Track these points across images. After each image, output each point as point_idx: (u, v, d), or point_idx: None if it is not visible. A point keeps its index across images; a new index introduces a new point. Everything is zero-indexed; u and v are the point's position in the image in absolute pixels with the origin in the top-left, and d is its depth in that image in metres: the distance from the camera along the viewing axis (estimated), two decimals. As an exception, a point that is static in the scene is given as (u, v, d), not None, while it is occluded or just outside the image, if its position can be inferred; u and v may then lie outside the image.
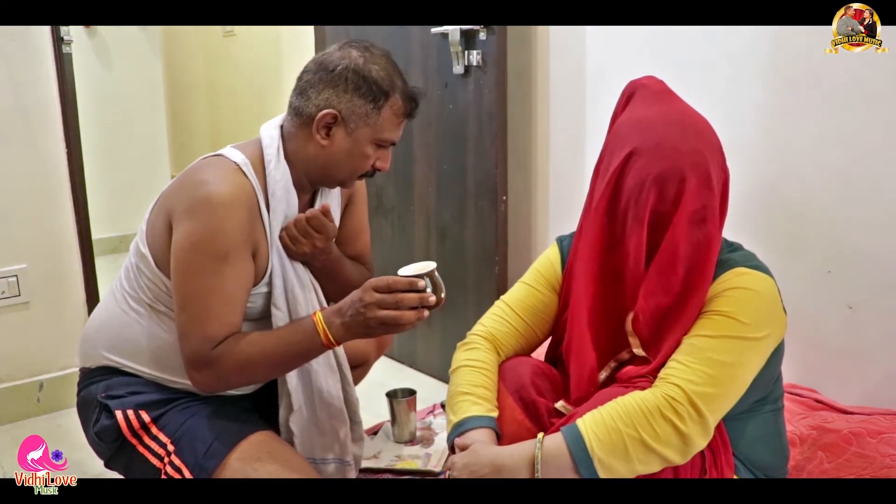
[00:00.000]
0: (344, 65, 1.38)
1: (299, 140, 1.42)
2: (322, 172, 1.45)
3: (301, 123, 1.41)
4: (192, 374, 1.34)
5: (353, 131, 1.40)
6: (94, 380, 1.47)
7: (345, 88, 1.38)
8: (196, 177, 1.37)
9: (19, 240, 2.28)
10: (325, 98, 1.38)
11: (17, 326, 2.31)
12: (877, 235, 1.65)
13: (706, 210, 1.17)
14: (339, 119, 1.39)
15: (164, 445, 1.38)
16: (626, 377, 1.23)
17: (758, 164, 1.82)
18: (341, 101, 1.38)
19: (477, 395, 1.30)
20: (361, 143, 1.41)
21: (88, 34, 4.06)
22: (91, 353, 1.50)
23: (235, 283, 1.35)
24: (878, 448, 1.49)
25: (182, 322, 1.34)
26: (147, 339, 1.44)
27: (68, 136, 2.30)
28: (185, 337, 1.34)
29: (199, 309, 1.32)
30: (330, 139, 1.40)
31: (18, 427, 2.26)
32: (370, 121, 1.39)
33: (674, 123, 1.19)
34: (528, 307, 1.41)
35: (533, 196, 2.41)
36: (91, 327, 1.52)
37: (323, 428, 1.56)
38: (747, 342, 1.17)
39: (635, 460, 1.10)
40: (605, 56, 2.13)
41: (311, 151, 1.42)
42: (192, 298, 1.33)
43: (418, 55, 2.43)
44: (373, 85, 1.38)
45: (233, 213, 1.33)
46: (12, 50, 2.18)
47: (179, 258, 1.34)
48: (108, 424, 1.41)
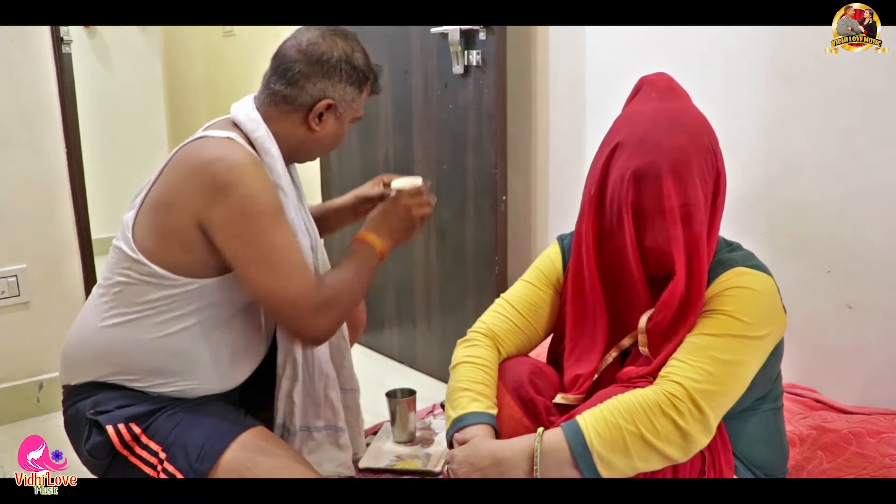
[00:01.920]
0: (336, 56, 1.47)
1: (285, 124, 1.49)
2: (303, 152, 1.55)
3: (290, 110, 1.48)
4: (315, 324, 1.39)
5: (341, 115, 1.51)
6: (80, 397, 1.46)
7: (339, 79, 1.47)
8: (204, 157, 1.39)
9: (19, 240, 2.28)
10: (320, 88, 1.46)
11: (17, 326, 2.31)
12: (876, 235, 1.65)
13: (689, 208, 1.16)
14: (333, 106, 1.48)
15: (156, 454, 1.37)
16: (625, 377, 1.23)
17: (758, 163, 1.82)
18: (336, 91, 1.48)
19: (477, 392, 1.30)
20: (344, 125, 1.54)
21: (88, 34, 4.06)
22: (75, 369, 1.48)
23: (293, 233, 1.43)
24: (878, 448, 1.49)
25: (277, 286, 1.36)
26: (135, 348, 1.43)
27: (68, 136, 2.30)
28: (288, 298, 1.37)
29: (288, 264, 1.37)
30: (322, 124, 1.50)
31: (18, 427, 2.26)
32: (354, 104, 1.52)
33: (663, 119, 1.19)
34: (529, 304, 1.41)
35: (532, 196, 2.42)
36: (71, 345, 1.50)
37: (317, 396, 1.61)
38: (748, 341, 1.17)
39: (635, 456, 1.10)
40: (604, 56, 2.13)
41: (300, 135, 1.50)
42: (274, 259, 1.36)
43: (418, 55, 2.43)
44: (360, 72, 1.50)
45: (263, 174, 1.40)
46: (12, 50, 2.18)
47: (239, 232, 1.35)
48: (99, 441, 1.39)
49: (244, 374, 1.55)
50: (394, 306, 2.77)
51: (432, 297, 2.59)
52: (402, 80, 2.49)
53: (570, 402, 1.29)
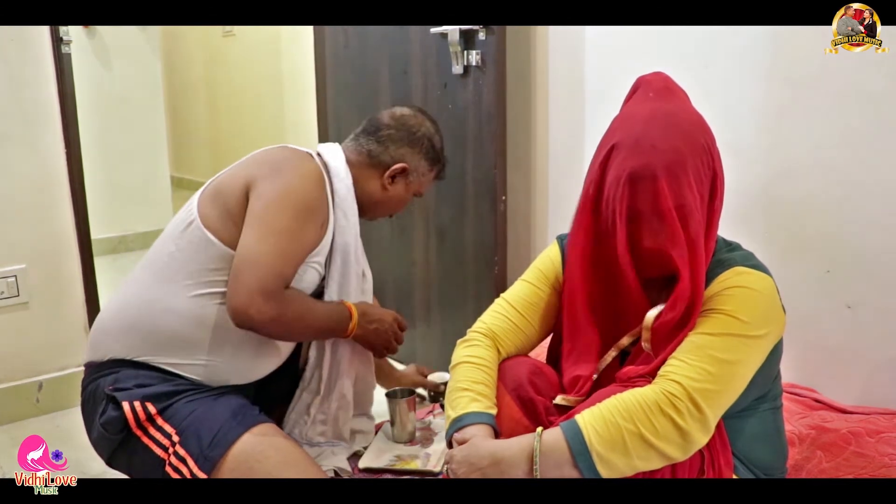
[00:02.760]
0: (423, 132, 1.71)
1: (363, 176, 1.68)
2: (369, 205, 1.70)
3: (371, 164, 1.68)
4: (255, 302, 1.38)
5: (411, 184, 1.72)
6: (102, 373, 1.50)
7: (419, 150, 1.70)
8: (276, 155, 1.57)
9: (18, 240, 2.28)
10: (401, 153, 1.68)
11: (16, 327, 2.31)
12: (876, 235, 1.65)
13: (685, 209, 1.16)
14: (407, 172, 1.69)
15: (170, 436, 1.41)
16: (625, 377, 1.23)
17: (757, 163, 1.82)
18: (413, 160, 1.70)
19: (476, 392, 1.30)
20: (409, 194, 1.74)
21: (88, 34, 4.06)
22: (103, 343, 1.52)
23: (308, 240, 1.50)
24: (877, 447, 1.49)
25: (260, 251, 1.41)
26: (170, 317, 1.48)
27: (67, 136, 2.30)
28: (258, 265, 1.39)
29: (280, 246, 1.43)
30: (393, 185, 1.70)
31: (17, 427, 2.26)
32: (423, 178, 1.74)
33: (658, 121, 1.19)
34: (529, 304, 1.42)
35: (532, 196, 2.42)
36: (104, 319, 1.55)
37: (330, 414, 1.71)
38: (747, 340, 1.17)
39: (634, 456, 1.10)
40: (604, 56, 2.13)
41: (371, 188, 1.69)
42: (276, 234, 1.43)
43: (418, 55, 2.43)
44: (437, 153, 1.75)
45: (315, 183, 1.53)
46: (12, 50, 2.18)
47: (270, 199, 1.45)
48: (114, 416, 1.43)
49: (265, 370, 1.61)
50: (393, 306, 2.76)
51: (432, 297, 2.59)
52: (402, 80, 2.49)
53: (570, 404, 1.29)
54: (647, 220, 1.18)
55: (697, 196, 1.17)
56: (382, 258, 2.64)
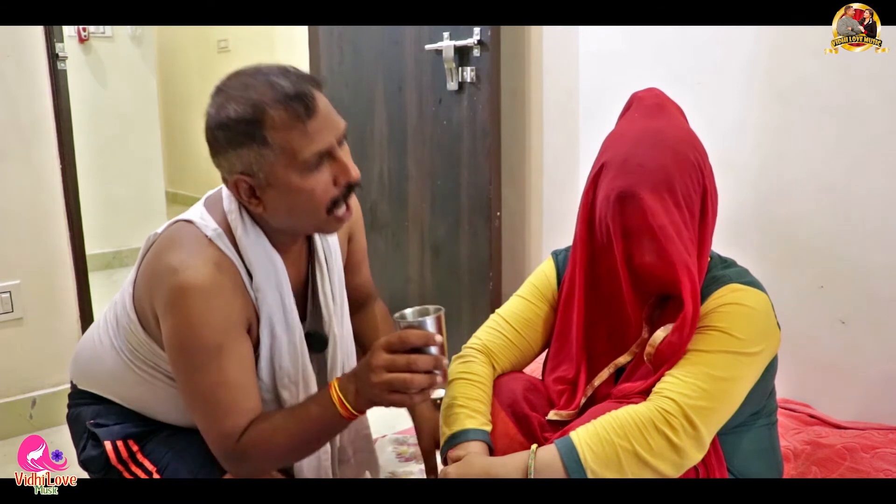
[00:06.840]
0: (207, 127, 1.18)
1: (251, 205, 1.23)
2: (291, 230, 1.29)
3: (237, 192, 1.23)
4: (227, 467, 1.27)
5: (273, 181, 1.17)
6: (84, 401, 1.46)
7: (222, 151, 1.18)
8: (166, 262, 1.21)
9: (13, 255, 2.27)
10: (225, 168, 1.20)
11: (10, 342, 2.30)
12: (869, 250, 1.66)
13: (674, 226, 1.16)
14: (249, 180, 1.18)
15: (150, 474, 1.36)
16: (620, 394, 1.23)
17: (750, 179, 1.83)
18: (232, 164, 1.18)
19: (471, 409, 1.30)
20: (292, 183, 1.17)
21: (83, 50, 4.07)
22: (83, 377, 1.48)
23: (239, 369, 1.23)
24: (872, 463, 1.49)
25: (198, 421, 1.26)
26: (137, 388, 1.40)
27: (63, 151, 2.30)
28: (206, 436, 1.26)
29: (210, 407, 1.23)
30: (262, 202, 1.21)
31: (10, 444, 2.24)
32: (271, 159, 1.16)
33: (647, 139, 1.19)
34: (524, 320, 1.42)
35: (526, 212, 2.42)
36: (83, 356, 1.48)
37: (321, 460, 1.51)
38: (742, 357, 1.17)
39: (629, 473, 1.10)
40: (598, 72, 2.15)
41: (265, 217, 1.25)
42: (199, 398, 1.24)
43: (412, 71, 2.44)
44: (239, 126, 1.14)
45: (213, 301, 1.19)
46: (7, 66, 2.19)
47: (174, 359, 1.25)
48: (95, 455, 1.39)
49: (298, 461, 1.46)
50: (388, 322, 2.76)
51: (427, 312, 2.58)
52: (397, 96, 2.50)
53: (564, 419, 1.29)
54: (638, 238, 1.18)
55: (687, 213, 1.17)
56: (377, 274, 2.64)
